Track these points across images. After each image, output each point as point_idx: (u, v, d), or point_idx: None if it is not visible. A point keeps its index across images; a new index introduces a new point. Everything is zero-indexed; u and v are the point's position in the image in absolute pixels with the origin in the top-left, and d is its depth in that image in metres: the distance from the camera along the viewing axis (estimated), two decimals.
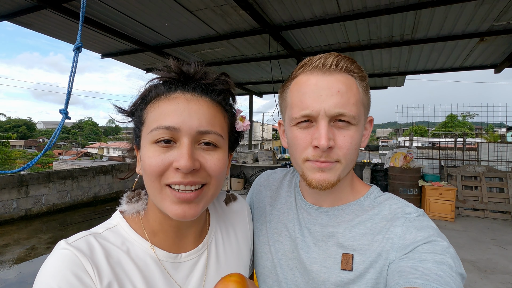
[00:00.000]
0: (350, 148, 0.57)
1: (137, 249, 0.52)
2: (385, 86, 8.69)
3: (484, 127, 23.06)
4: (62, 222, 5.39)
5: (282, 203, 0.73)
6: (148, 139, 0.49)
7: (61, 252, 0.45)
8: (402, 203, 0.60)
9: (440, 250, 0.49)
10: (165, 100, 0.50)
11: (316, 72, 0.57)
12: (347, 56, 0.58)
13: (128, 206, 0.56)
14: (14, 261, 3.73)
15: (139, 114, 0.54)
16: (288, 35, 5.02)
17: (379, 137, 52.75)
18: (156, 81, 0.54)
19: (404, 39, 4.98)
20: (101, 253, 0.48)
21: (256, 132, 28.67)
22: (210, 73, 0.55)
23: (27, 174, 5.53)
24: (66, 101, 1.77)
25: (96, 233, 0.52)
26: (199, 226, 0.61)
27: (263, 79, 8.39)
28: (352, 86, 0.57)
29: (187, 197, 0.48)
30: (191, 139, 0.49)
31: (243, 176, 8.15)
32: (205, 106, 0.51)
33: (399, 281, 0.47)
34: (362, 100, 0.59)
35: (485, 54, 5.53)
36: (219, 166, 0.51)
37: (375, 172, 6.58)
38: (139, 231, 0.55)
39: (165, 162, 0.48)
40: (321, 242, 0.61)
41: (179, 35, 5.22)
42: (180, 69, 0.52)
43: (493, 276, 3.32)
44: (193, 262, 0.58)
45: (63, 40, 5.33)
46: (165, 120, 0.48)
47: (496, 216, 5.69)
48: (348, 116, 0.55)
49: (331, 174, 0.57)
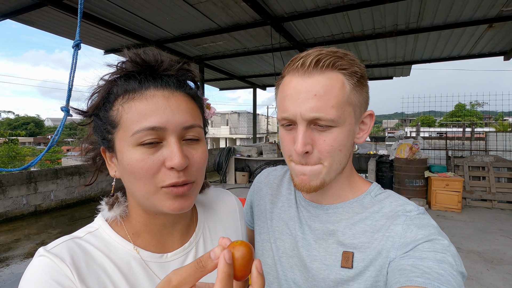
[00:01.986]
0: (331, 151, 0.56)
1: (120, 252, 0.51)
2: (391, 76, 8.56)
3: (494, 116, 22.61)
4: (71, 217, 5.49)
5: (283, 200, 0.73)
6: (129, 142, 0.47)
7: (39, 259, 0.44)
8: (402, 200, 0.60)
9: (441, 249, 0.48)
10: (141, 99, 0.47)
11: (297, 73, 0.56)
12: (333, 50, 0.56)
13: (109, 213, 0.54)
14: (25, 256, 3.83)
15: (105, 115, 0.50)
16: (290, 27, 4.95)
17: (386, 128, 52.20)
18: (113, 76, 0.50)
19: (409, 27, 4.87)
20: (82, 257, 0.47)
21: (261, 125, 28.63)
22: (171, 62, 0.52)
23: (35, 171, 5.63)
24: (67, 98, 1.78)
25: (77, 237, 0.50)
26: (185, 223, 0.60)
27: (266, 72, 8.33)
28: (334, 86, 0.54)
29: (182, 191, 0.48)
30: (178, 136, 0.48)
31: (248, 169, 8.17)
32: (183, 100, 0.50)
33: (400, 280, 0.46)
34: (348, 99, 0.56)
35: (493, 41, 5.38)
36: (203, 158, 0.52)
37: (380, 163, 6.52)
38: (121, 233, 0.54)
39: (156, 163, 0.47)
40: (322, 240, 0.61)
41: (181, 29, 5.20)
42: (141, 58, 0.49)
43: (500, 267, 3.29)
44: (179, 261, 0.57)
45: (65, 37, 5.36)
46: (147, 120, 0.46)
47: (504, 206, 5.62)
48: (326, 120, 0.53)
49: (313, 178, 0.57)
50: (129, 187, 0.50)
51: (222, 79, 9.15)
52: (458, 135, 11.21)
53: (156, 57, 0.50)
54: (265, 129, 28.75)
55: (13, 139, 17.67)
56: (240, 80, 9.12)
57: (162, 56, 0.51)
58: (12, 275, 3.34)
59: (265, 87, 10.64)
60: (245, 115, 27.09)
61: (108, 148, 0.51)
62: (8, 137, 17.53)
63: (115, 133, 0.49)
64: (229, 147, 8.32)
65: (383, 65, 7.15)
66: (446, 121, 27.02)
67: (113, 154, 0.51)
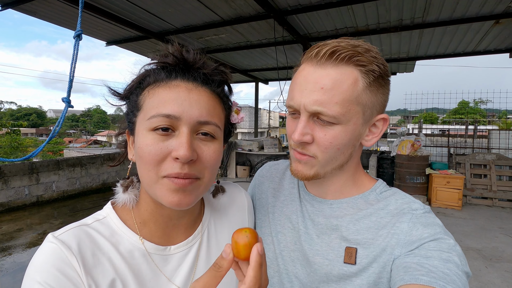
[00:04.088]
0: (329, 147, 0.55)
1: (125, 242, 0.52)
2: (394, 72, 8.47)
3: (497, 114, 22.43)
4: (73, 208, 5.54)
5: (286, 194, 0.72)
6: (145, 125, 0.48)
7: (48, 245, 0.46)
8: (408, 198, 0.59)
9: (447, 248, 0.48)
10: (165, 87, 0.49)
11: (310, 62, 0.55)
12: (356, 44, 0.54)
13: (123, 195, 0.55)
14: (27, 245, 3.88)
15: (134, 98, 0.52)
16: (293, 20, 4.89)
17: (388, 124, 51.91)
18: (153, 65, 0.52)
19: (414, 22, 4.80)
20: (89, 245, 0.48)
21: (263, 120, 28.56)
22: (209, 62, 0.54)
23: (37, 162, 5.67)
24: (68, 89, 1.77)
25: (85, 224, 0.52)
26: (192, 217, 0.60)
27: (268, 66, 8.26)
28: (344, 82, 0.52)
29: (183, 183, 0.47)
30: (191, 128, 0.48)
31: (249, 163, 8.18)
32: (206, 96, 0.51)
33: (404, 277, 0.46)
34: (357, 97, 0.53)
35: (500, 38, 5.30)
36: (214, 157, 0.51)
37: (381, 160, 6.51)
38: (128, 223, 0.54)
39: (164, 151, 0.47)
40: (325, 235, 0.61)
41: (183, 21, 5.15)
42: (182, 55, 0.51)
43: (499, 265, 3.30)
44: (182, 254, 0.57)
45: (67, 28, 5.32)
46: (165, 107, 0.47)
47: (505, 204, 5.61)
48: (328, 115, 0.52)
49: (306, 168, 0.58)
50: (138, 171, 0.51)
51: None
52: (461, 133, 11.16)
53: (195, 55, 0.52)
54: (267, 123, 28.70)
55: (15, 130, 17.74)
56: (242, 74, 9.07)
57: (201, 55, 0.53)
58: (14, 263, 3.38)
59: (267, 82, 10.57)
60: (247, 109, 27.03)
61: (131, 131, 0.54)
62: (11, 127, 17.60)
63: (137, 116, 0.51)
64: (230, 141, 8.32)
65: (387, 60, 6.99)
66: (449, 118, 26.87)
67: (133, 137, 0.53)
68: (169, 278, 0.54)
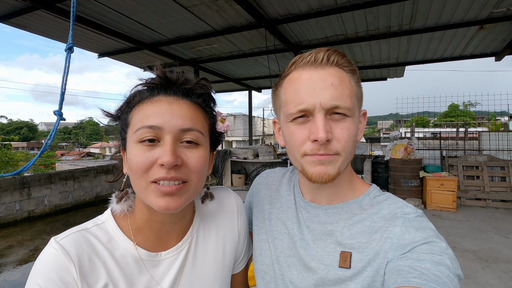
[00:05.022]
0: (348, 140, 0.57)
1: (120, 248, 0.56)
2: (385, 78, 8.63)
3: (486, 116, 22.89)
4: (65, 222, 5.42)
5: (282, 201, 0.73)
6: (133, 139, 0.53)
7: (50, 251, 0.50)
8: (401, 203, 0.61)
9: (438, 251, 0.49)
10: (149, 103, 0.54)
11: (308, 67, 0.58)
12: (337, 50, 0.60)
13: (117, 206, 0.59)
14: (18, 262, 3.77)
15: (124, 117, 0.57)
16: (284, 29, 4.97)
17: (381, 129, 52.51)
18: (140, 86, 0.57)
19: (402, 29, 4.92)
20: (86, 251, 0.53)
21: (257, 128, 28.62)
22: (191, 79, 0.59)
23: (28, 176, 5.55)
24: (60, 102, 1.76)
25: (85, 228, 0.56)
26: (184, 223, 0.63)
27: (261, 74, 8.34)
28: (344, 79, 0.58)
29: (170, 190, 0.51)
30: (174, 137, 0.52)
31: (244, 172, 8.15)
32: (186, 107, 0.55)
33: (397, 280, 0.47)
34: (355, 92, 0.60)
35: (485, 42, 5.46)
36: (199, 162, 0.55)
37: (376, 164, 6.56)
38: (124, 229, 0.58)
39: (150, 159, 0.51)
40: (320, 240, 0.62)
41: (175, 32, 5.19)
42: (165, 75, 0.56)
43: (495, 265, 3.31)
44: (172, 259, 0.61)
45: (58, 41, 5.32)
46: (148, 120, 0.52)
47: (498, 205, 5.68)
48: (344, 108, 0.56)
49: (331, 167, 0.57)
50: (131, 182, 0.55)
51: (217, 82, 9.14)
52: (452, 135, 11.33)
53: (179, 74, 0.57)
54: (261, 131, 28.76)
55: (6, 144, 17.45)
56: (235, 82, 9.12)
57: (185, 74, 0.59)
58: (5, 282, 3.27)
59: (260, 90, 10.66)
60: (241, 118, 27.08)
61: (124, 146, 0.58)
62: (1, 142, 17.31)
63: (127, 132, 0.56)
64: (225, 150, 8.30)
65: (377, 66, 7.20)
66: (440, 122, 27.29)
67: (126, 152, 0.57)
68: (158, 282, 0.59)
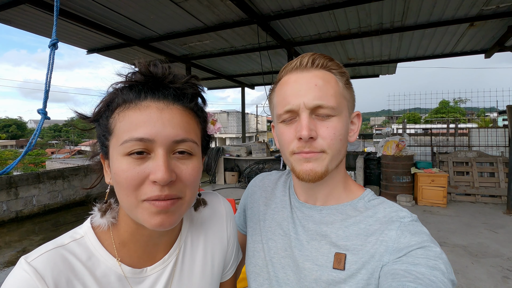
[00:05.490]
0: (333, 139, 0.58)
1: (102, 266, 0.51)
2: (377, 74, 8.67)
3: (476, 112, 23.29)
4: (55, 222, 5.32)
5: (277, 202, 0.73)
6: (119, 151, 0.47)
7: (20, 274, 0.43)
8: (396, 207, 0.61)
9: (433, 256, 0.50)
10: (135, 109, 0.47)
11: (295, 71, 0.61)
12: (324, 55, 0.62)
13: (101, 220, 0.53)
14: (5, 264, 3.68)
15: (104, 122, 0.50)
16: (277, 25, 4.92)
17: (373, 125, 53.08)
18: (120, 84, 0.50)
19: (394, 26, 4.93)
20: (63, 271, 0.46)
21: (251, 124, 28.58)
22: (179, 75, 0.52)
23: (15, 176, 5.42)
24: (44, 100, 1.70)
25: (61, 244, 0.49)
26: (172, 235, 0.60)
27: (254, 71, 8.29)
28: (330, 80, 0.60)
29: (164, 205, 0.46)
30: (166, 149, 0.47)
31: (237, 169, 8.12)
32: (178, 114, 0.49)
33: (392, 284, 0.47)
34: (342, 92, 0.61)
35: (475, 39, 5.52)
36: (194, 175, 0.50)
37: (368, 161, 6.60)
38: (106, 243, 0.53)
39: (141, 175, 0.46)
40: (314, 240, 0.62)
41: (166, 28, 5.09)
42: (150, 72, 0.49)
43: (484, 260, 3.37)
44: (157, 274, 0.56)
45: (45, 36, 5.18)
46: (137, 131, 0.46)
47: (487, 200, 5.79)
48: (327, 107, 0.57)
49: (317, 164, 0.58)
50: (117, 196, 0.50)
51: (210, 79, 9.06)
52: (443, 131, 11.49)
53: (164, 69, 0.50)
54: (255, 128, 28.74)
55: None
56: (228, 79, 9.05)
57: (171, 69, 0.52)
58: None
59: (253, 86, 10.60)
60: (234, 114, 26.99)
61: (105, 154, 0.52)
62: None
63: (110, 140, 0.49)
64: (218, 147, 8.25)
65: (369, 63, 7.22)
66: (431, 118, 27.65)
67: (108, 161, 0.51)
68: None
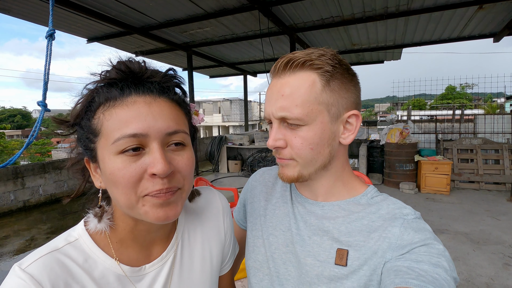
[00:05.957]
0: (301, 148, 0.58)
1: (99, 267, 0.50)
2: (382, 60, 8.50)
3: (483, 98, 22.86)
4: (62, 211, 5.42)
5: (278, 197, 0.73)
6: (111, 150, 0.46)
7: (15, 282, 0.42)
8: (400, 204, 0.61)
9: (436, 253, 0.50)
10: (122, 106, 0.46)
11: (274, 76, 0.61)
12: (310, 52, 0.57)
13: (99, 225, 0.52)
14: (15, 253, 3.78)
15: (86, 123, 0.48)
16: (279, 11, 4.81)
17: (378, 112, 52.49)
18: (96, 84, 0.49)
19: (400, 10, 4.78)
20: (61, 276, 0.45)
21: (254, 112, 28.45)
22: (156, 69, 0.52)
23: (21, 166, 5.49)
24: (43, 93, 1.69)
25: (56, 248, 0.48)
26: (168, 227, 0.60)
27: (256, 58, 8.17)
28: (302, 86, 0.56)
29: (168, 197, 0.47)
30: (161, 142, 0.47)
31: (240, 158, 8.15)
32: (167, 106, 0.49)
33: (395, 280, 0.48)
34: (318, 97, 0.56)
35: (483, 23, 5.34)
36: (190, 165, 0.51)
37: (371, 149, 6.57)
38: (102, 244, 0.52)
39: (138, 171, 0.45)
40: (316, 236, 0.61)
41: (166, 15, 5.01)
42: (127, 67, 0.48)
43: (486, 247, 3.39)
44: (156, 271, 0.56)
45: (44, 26, 5.11)
46: (128, 127, 0.45)
47: (491, 187, 5.76)
48: (291, 118, 0.56)
49: (288, 170, 0.61)
50: (114, 197, 0.49)
51: (211, 67, 8.97)
52: (448, 118, 11.34)
53: (141, 65, 0.50)
54: (258, 115, 28.61)
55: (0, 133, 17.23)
56: (230, 67, 8.95)
57: (147, 64, 0.51)
58: (1, 272, 3.30)
59: (255, 74, 10.48)
60: (237, 102, 26.83)
61: (92, 158, 0.50)
62: None
63: (97, 142, 0.48)
64: (221, 136, 8.26)
65: (374, 49, 7.07)
66: (436, 104, 27.24)
67: (97, 164, 0.50)
68: None
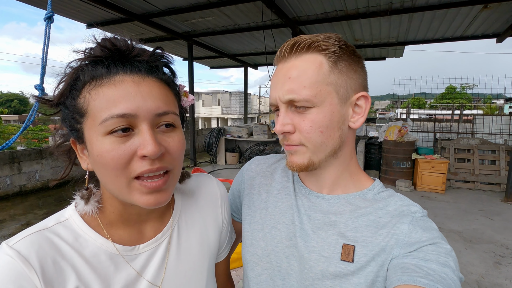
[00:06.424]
0: (310, 132, 0.56)
1: (90, 245, 0.49)
2: (384, 57, 8.45)
3: (483, 99, 22.89)
4: (58, 197, 5.43)
5: (279, 188, 0.70)
6: (98, 131, 0.44)
7: (3, 258, 0.42)
8: (408, 201, 0.60)
9: (444, 253, 0.50)
10: (110, 85, 0.44)
11: (279, 61, 0.60)
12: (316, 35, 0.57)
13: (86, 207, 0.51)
14: (10, 236, 3.80)
15: (72, 103, 0.46)
16: (282, 3, 4.74)
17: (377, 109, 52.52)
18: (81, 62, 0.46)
19: (404, 6, 4.73)
20: (49, 253, 0.45)
21: (253, 105, 28.35)
22: (144, 47, 0.50)
23: (18, 151, 5.47)
24: (41, 76, 1.66)
25: (46, 227, 0.48)
26: (160, 211, 0.59)
27: (257, 50, 8.09)
28: (309, 67, 0.55)
29: (157, 185, 0.46)
30: (150, 123, 0.46)
31: (238, 150, 8.15)
32: (156, 86, 0.48)
33: (402, 277, 0.47)
34: (326, 78, 0.55)
35: (488, 22, 5.31)
36: (180, 147, 0.50)
37: (369, 145, 6.58)
38: (92, 224, 0.51)
39: (128, 152, 0.44)
40: (321, 230, 0.59)
41: (167, 3, 4.93)
42: (113, 44, 0.46)
43: (478, 246, 3.43)
44: (150, 252, 0.55)
45: (42, 9, 5.02)
46: (116, 107, 0.43)
47: (486, 187, 5.81)
48: (300, 100, 0.54)
49: (299, 157, 0.58)
50: (102, 179, 0.48)
51: (212, 57, 8.88)
52: (447, 117, 11.37)
53: (127, 43, 0.48)
54: (257, 109, 28.53)
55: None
56: (231, 58, 8.87)
57: (134, 41, 0.49)
58: None
59: (256, 66, 10.39)
60: (237, 95, 26.70)
61: (78, 139, 0.49)
62: None
63: (83, 122, 0.46)
64: (220, 128, 8.23)
65: (376, 45, 7.02)
66: (436, 103, 27.27)
67: (84, 145, 0.48)
68: (139, 273, 0.53)
